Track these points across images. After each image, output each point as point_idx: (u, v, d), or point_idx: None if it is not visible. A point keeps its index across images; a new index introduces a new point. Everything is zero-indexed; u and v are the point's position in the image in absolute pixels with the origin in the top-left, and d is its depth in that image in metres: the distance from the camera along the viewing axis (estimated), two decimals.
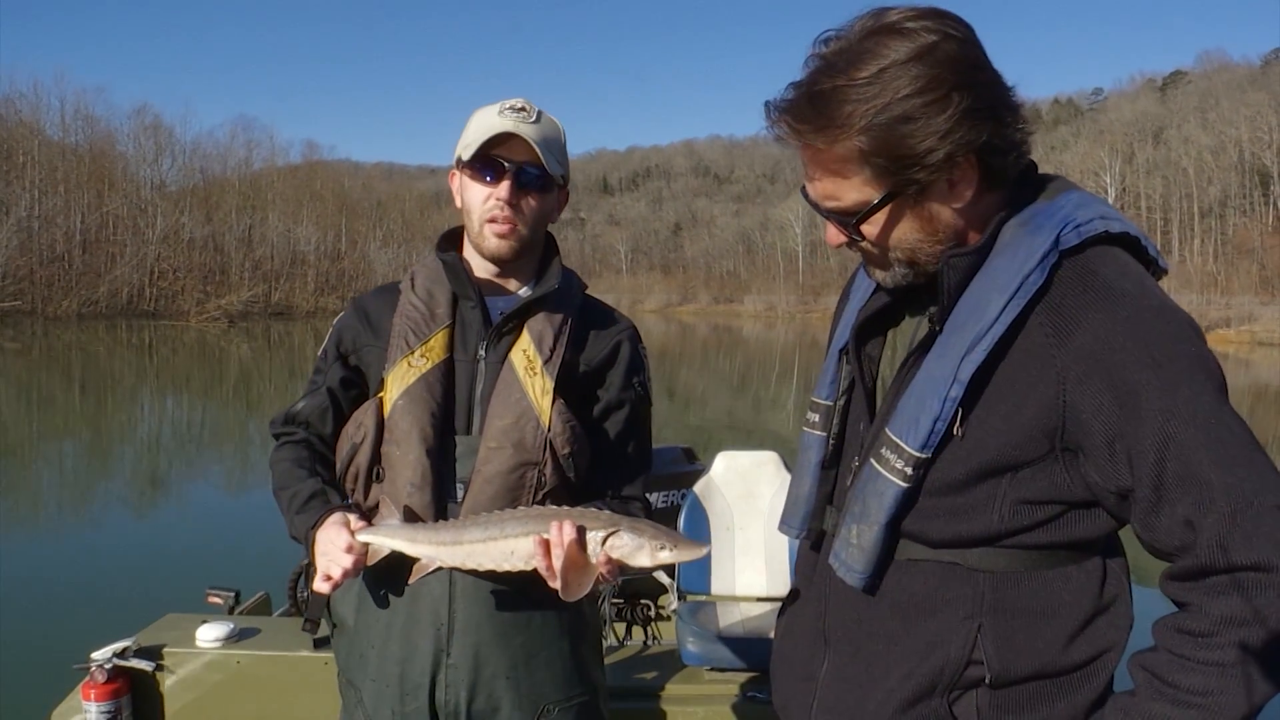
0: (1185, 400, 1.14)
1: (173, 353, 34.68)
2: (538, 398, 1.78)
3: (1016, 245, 1.23)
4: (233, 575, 3.79)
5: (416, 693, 1.80)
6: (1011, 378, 1.21)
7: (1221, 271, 70.81)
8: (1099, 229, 1.23)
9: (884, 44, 1.17)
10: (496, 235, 1.81)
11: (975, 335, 1.21)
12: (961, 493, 1.25)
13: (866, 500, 1.31)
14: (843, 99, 1.17)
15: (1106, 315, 1.17)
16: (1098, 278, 1.20)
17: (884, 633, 1.35)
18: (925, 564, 1.30)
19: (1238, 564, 1.12)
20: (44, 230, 56.43)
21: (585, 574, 1.57)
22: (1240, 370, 37.82)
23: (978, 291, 1.24)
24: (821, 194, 1.27)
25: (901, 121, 1.16)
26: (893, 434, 1.27)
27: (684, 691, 2.81)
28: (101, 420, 17.21)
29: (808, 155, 1.25)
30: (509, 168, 1.77)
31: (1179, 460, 1.14)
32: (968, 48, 1.19)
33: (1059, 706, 1.28)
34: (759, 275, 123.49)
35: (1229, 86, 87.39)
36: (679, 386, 26.71)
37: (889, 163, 1.19)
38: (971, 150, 1.19)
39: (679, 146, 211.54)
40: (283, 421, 1.93)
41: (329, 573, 1.66)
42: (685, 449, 4.13)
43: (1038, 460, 1.22)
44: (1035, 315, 1.20)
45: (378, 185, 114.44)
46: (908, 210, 1.24)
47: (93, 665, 2.69)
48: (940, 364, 1.24)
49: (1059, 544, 1.26)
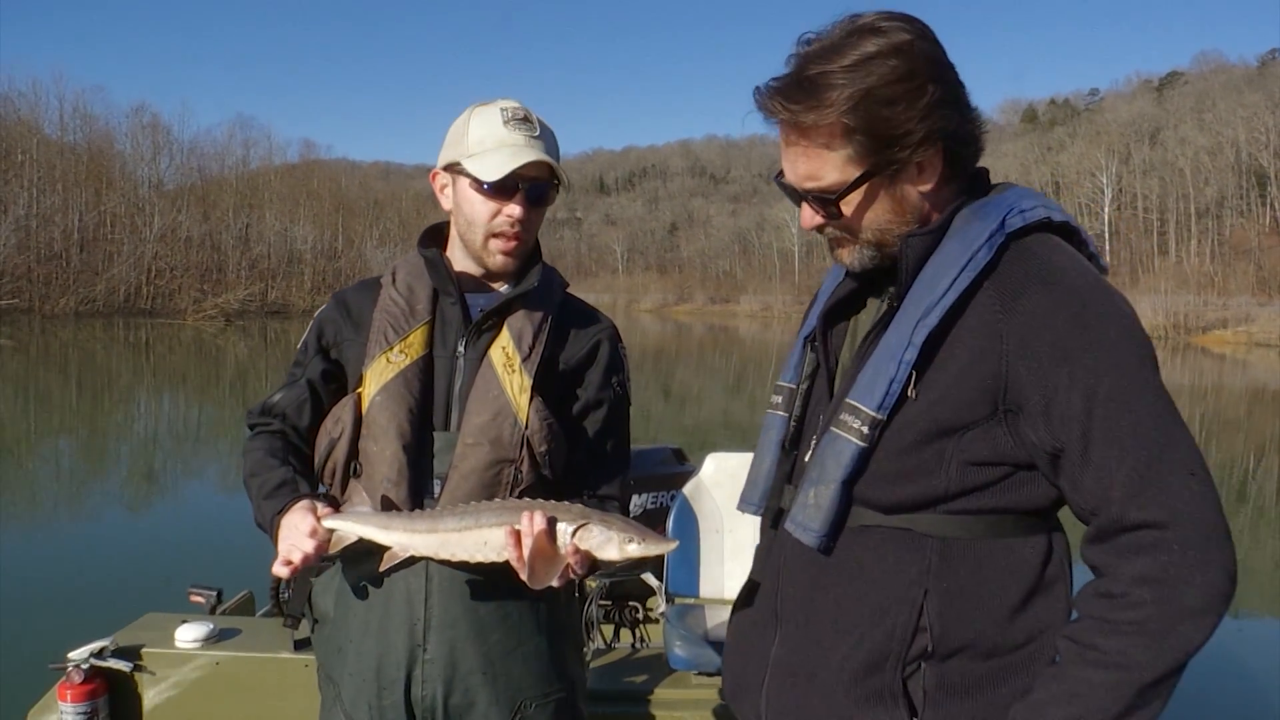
0: (1112, 368, 1.25)
1: (169, 351, 34.63)
2: (516, 395, 1.78)
3: (967, 228, 1.35)
4: (217, 574, 3.74)
5: (393, 687, 1.79)
6: (961, 344, 1.31)
7: (1218, 272, 70.89)
8: (1041, 215, 1.36)
9: (864, 39, 1.30)
10: (503, 252, 1.82)
11: (928, 305, 1.32)
12: (913, 454, 1.33)
13: (825, 462, 1.38)
14: (829, 82, 1.29)
15: (1046, 290, 1.28)
16: (1038, 257, 1.32)
17: (834, 600, 1.40)
18: (877, 530, 1.37)
19: (1136, 522, 1.22)
20: (42, 228, 56.30)
21: (553, 564, 1.59)
22: (1237, 371, 37.87)
23: (932, 269, 1.35)
24: (803, 174, 1.37)
25: (884, 104, 1.28)
26: (852, 399, 1.36)
27: (671, 695, 2.80)
28: (97, 418, 17.19)
29: (793, 135, 1.35)
30: (522, 186, 1.77)
31: (1103, 422, 1.24)
32: (936, 48, 1.34)
33: (1002, 691, 1.33)
34: (755, 275, 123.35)
35: (1226, 87, 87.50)
36: (675, 386, 26.74)
37: (871, 141, 1.30)
38: (941, 137, 1.33)
39: (675, 146, 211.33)
40: (259, 412, 1.92)
41: (289, 556, 1.65)
42: (675, 450, 4.11)
43: (983, 421, 1.31)
44: (983, 290, 1.31)
45: (374, 184, 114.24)
46: (881, 190, 1.36)
47: (69, 665, 2.65)
48: (896, 333, 1.34)
49: (1004, 509, 1.34)
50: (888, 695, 1.35)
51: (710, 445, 3.65)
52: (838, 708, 1.38)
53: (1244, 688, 5.68)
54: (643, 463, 3.78)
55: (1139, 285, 70.70)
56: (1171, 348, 50.22)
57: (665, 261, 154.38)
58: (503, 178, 1.74)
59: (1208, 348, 50.88)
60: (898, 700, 1.34)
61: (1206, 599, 1.21)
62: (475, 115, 1.81)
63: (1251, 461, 15.85)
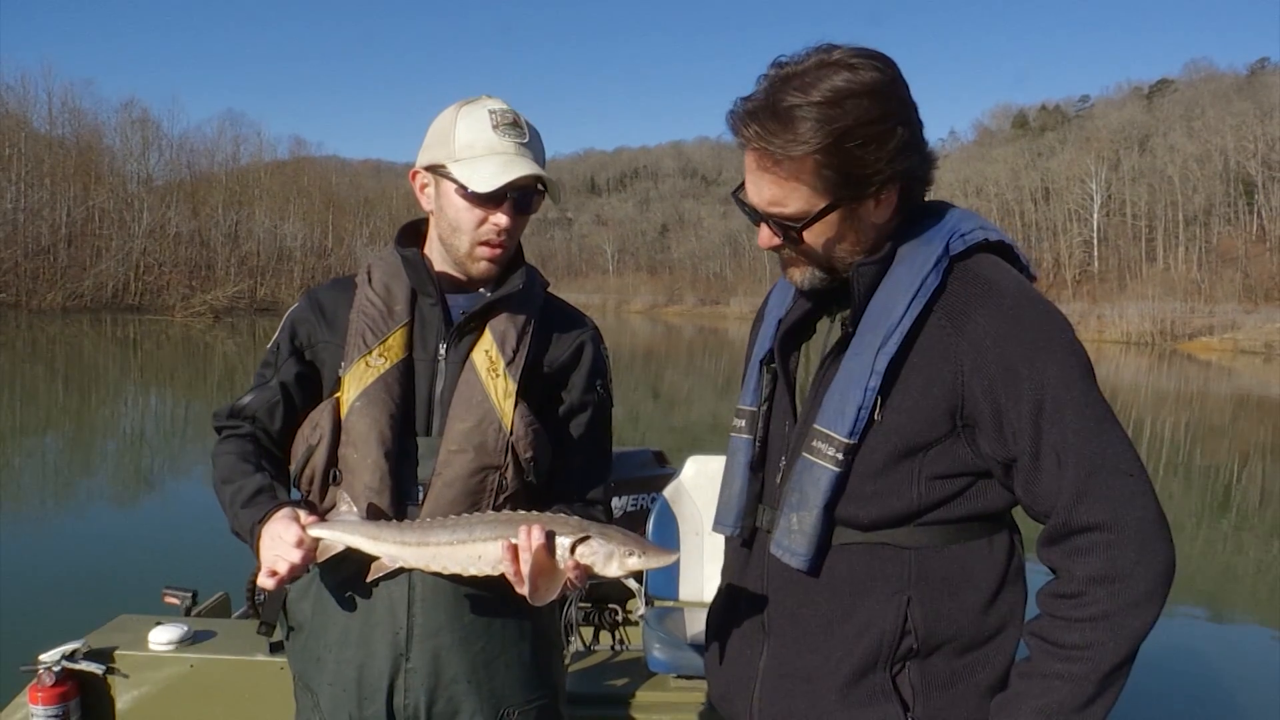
0: (1055, 379, 1.34)
1: (157, 347, 34.46)
2: (500, 400, 1.74)
3: (914, 255, 1.43)
4: (192, 575, 3.69)
5: (375, 697, 1.76)
6: (918, 366, 1.39)
7: (1205, 280, 71.14)
8: (980, 237, 1.45)
9: (839, 75, 1.34)
10: (489, 259, 1.78)
11: (886, 331, 1.39)
12: (885, 474, 1.41)
13: (804, 489, 1.44)
14: (806, 116, 1.33)
15: (992, 309, 1.37)
16: (982, 279, 1.41)
17: (823, 615, 1.47)
18: (858, 547, 1.45)
19: (1083, 524, 1.33)
20: (29, 223, 55.92)
21: (554, 580, 1.55)
22: (1223, 379, 38.06)
23: (884, 295, 1.42)
24: (768, 199, 1.42)
25: (858, 145, 1.34)
26: (821, 426, 1.43)
27: (650, 699, 2.80)
28: (84, 414, 17.11)
29: (763, 163, 1.39)
30: (511, 196, 1.73)
31: (1049, 434, 1.34)
32: (905, 89, 1.40)
33: (979, 677, 1.44)
34: (745, 277, 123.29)
35: (1215, 95, 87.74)
36: (664, 388, 26.73)
37: (839, 177, 1.36)
38: (903, 177, 1.40)
39: (667, 148, 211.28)
40: (227, 415, 1.85)
41: (275, 568, 1.60)
42: (656, 452, 4.10)
43: (944, 437, 1.40)
44: (935, 313, 1.40)
45: (365, 183, 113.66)
46: (840, 221, 1.41)
47: (40, 667, 2.60)
48: (858, 360, 1.41)
49: (970, 516, 1.44)
50: (880, 694, 1.43)
51: (699, 447, 3.65)
52: (832, 710, 1.45)
53: (1228, 691, 5.73)
54: (623, 465, 3.76)
55: (1126, 291, 71.09)
56: (1158, 354, 50.50)
57: (656, 263, 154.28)
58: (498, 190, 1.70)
59: (1194, 354, 51.12)
60: (890, 698, 1.42)
61: (1150, 587, 1.33)
62: (462, 116, 1.75)
63: (1236, 467, 15.94)
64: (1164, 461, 16.18)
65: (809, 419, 1.47)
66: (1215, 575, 9.27)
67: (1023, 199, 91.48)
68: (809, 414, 1.48)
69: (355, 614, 1.78)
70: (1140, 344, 56.68)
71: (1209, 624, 7.50)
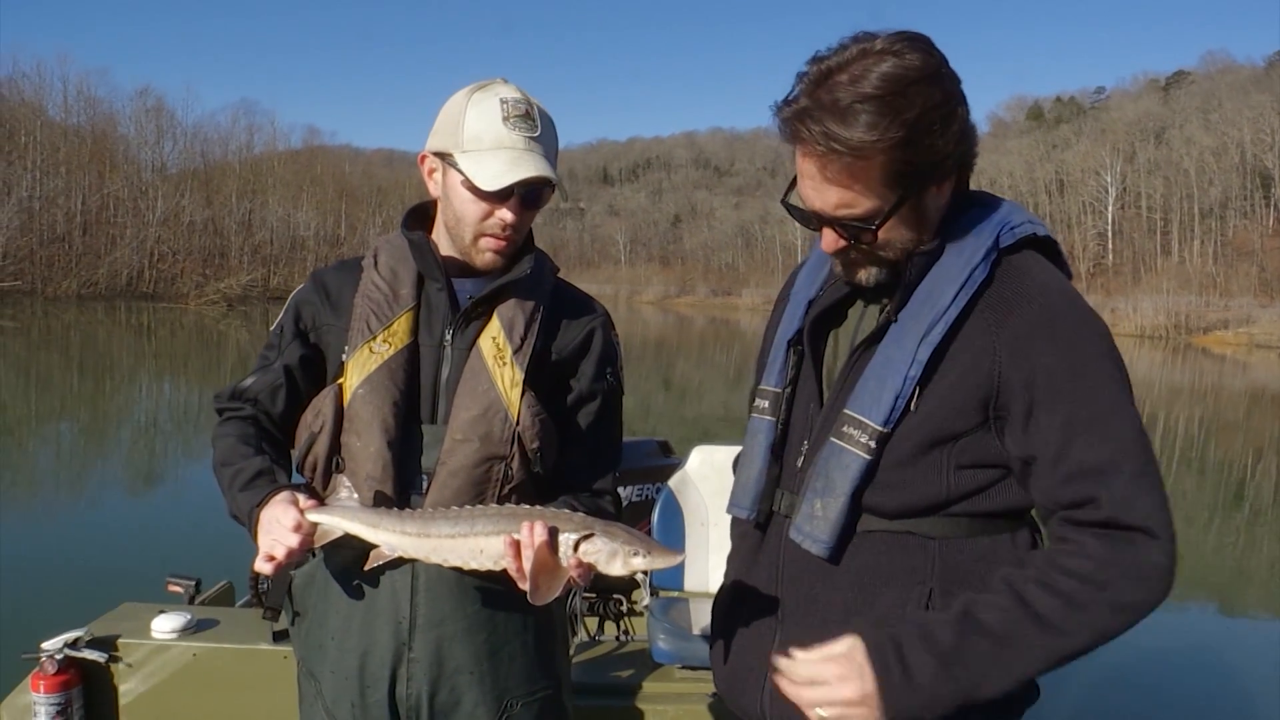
0: (1090, 383, 1.33)
1: (171, 335, 34.64)
2: (506, 389, 1.71)
3: (963, 245, 1.41)
4: (196, 562, 3.66)
5: (377, 685, 1.75)
6: (957, 357, 1.37)
7: (1221, 273, 70.66)
8: (1029, 231, 1.43)
9: (888, 63, 1.29)
10: (494, 250, 1.74)
11: (930, 320, 1.37)
12: (915, 463, 1.38)
13: (830, 474, 1.41)
14: (868, 110, 1.28)
15: (1038, 307, 1.36)
16: (1030, 276, 1.39)
17: (842, 603, 1.44)
18: (881, 535, 1.42)
19: (1134, 524, 1.30)
20: (45, 211, 56.16)
21: (556, 577, 1.51)
22: (1238, 372, 37.81)
23: (930, 284, 1.40)
24: (835, 203, 1.36)
25: (926, 133, 1.30)
26: (854, 412, 1.40)
27: (655, 690, 2.78)
28: (99, 401, 17.22)
29: (827, 165, 1.33)
30: (518, 191, 1.69)
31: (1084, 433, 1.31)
32: (952, 69, 1.36)
33: None
34: (757, 269, 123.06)
35: (1232, 88, 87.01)
36: (675, 379, 26.73)
37: (910, 169, 1.32)
38: (965, 158, 1.39)
39: (680, 138, 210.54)
40: (229, 396, 1.82)
41: (272, 552, 1.57)
42: (661, 442, 4.07)
43: (976, 429, 1.38)
44: (979, 305, 1.38)
45: (378, 172, 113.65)
46: (909, 213, 1.38)
47: (43, 655, 2.59)
48: (898, 348, 1.38)
49: (996, 511, 1.42)
50: None
51: (710, 438, 3.63)
52: None
53: (1242, 687, 5.70)
54: (628, 455, 3.67)
55: (1141, 284, 70.62)
56: (1172, 348, 50.16)
57: (668, 253, 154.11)
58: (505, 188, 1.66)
59: (1209, 348, 50.75)
60: None
61: (1138, 601, 1.30)
62: (473, 104, 1.70)
63: (1250, 463, 15.84)
64: (1178, 456, 16.09)
65: (838, 404, 1.44)
66: (1229, 571, 9.23)
67: (1037, 191, 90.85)
68: (838, 399, 1.45)
69: (359, 602, 1.77)
70: (1154, 338, 56.30)
71: (1222, 619, 7.48)
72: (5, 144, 57.45)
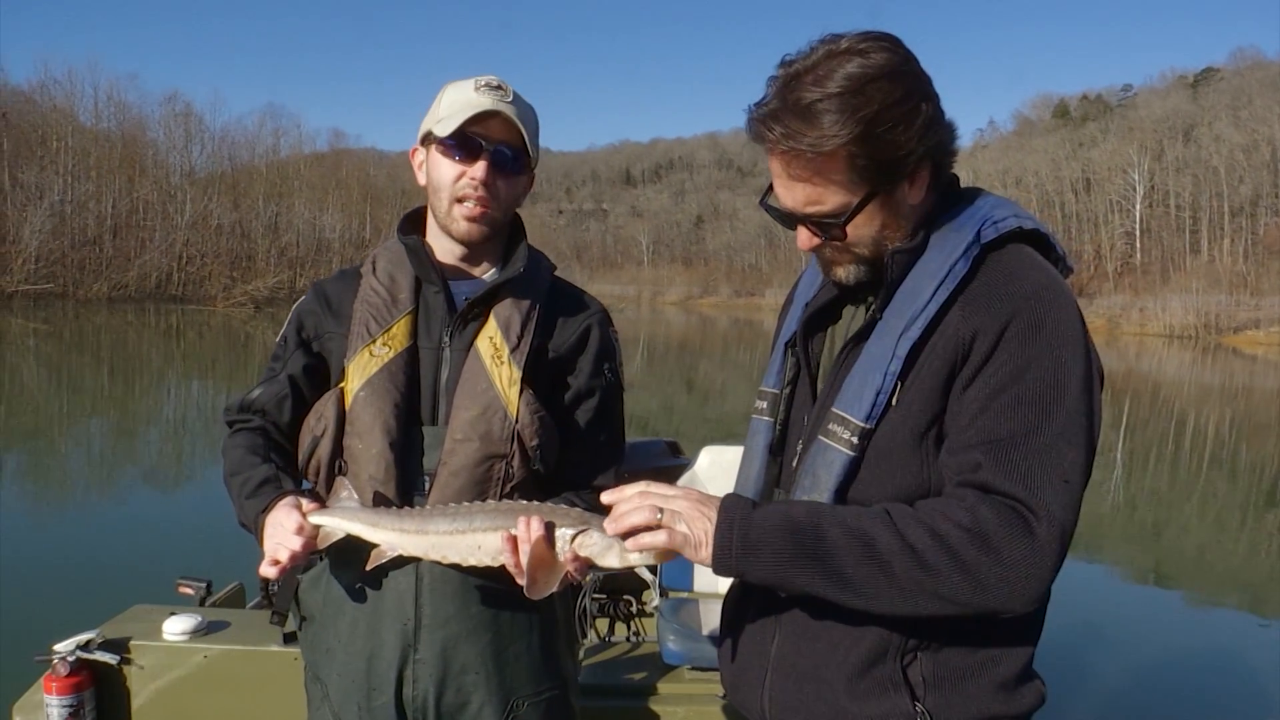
0: (1035, 373, 1.32)
1: (199, 336, 35.04)
2: (505, 388, 1.73)
3: (944, 241, 1.42)
4: (207, 565, 3.67)
5: (383, 688, 1.76)
6: (934, 351, 1.38)
7: (1251, 272, 69.74)
8: (1013, 225, 1.42)
9: (853, 63, 1.33)
10: (467, 217, 1.75)
11: (910, 317, 1.38)
12: (897, 457, 1.39)
13: (817, 472, 1.43)
14: (829, 109, 1.32)
15: (1011, 304, 1.35)
16: (1009, 272, 1.39)
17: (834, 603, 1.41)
18: None
19: (1012, 493, 1.28)
20: (76, 215, 57.02)
21: (553, 572, 1.51)
22: (1269, 373, 37.34)
23: (912, 282, 1.41)
24: (803, 200, 1.40)
25: (887, 129, 1.32)
26: (839, 409, 1.42)
27: (665, 690, 2.76)
28: (129, 402, 17.39)
29: (792, 164, 1.37)
30: (486, 146, 1.71)
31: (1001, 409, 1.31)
32: (917, 64, 1.39)
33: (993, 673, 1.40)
34: (780, 269, 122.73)
35: (1262, 84, 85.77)
36: (698, 379, 26.73)
37: (873, 165, 1.35)
38: (934, 151, 1.39)
39: (703, 139, 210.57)
40: (238, 409, 1.86)
41: (276, 556, 1.60)
42: (670, 443, 4.05)
43: (943, 412, 1.37)
44: (959, 300, 1.38)
45: (402, 174, 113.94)
46: (880, 209, 1.40)
47: (55, 657, 2.58)
48: (880, 344, 1.40)
49: None
50: (890, 685, 1.40)
51: (733, 438, 3.64)
52: (842, 700, 1.42)
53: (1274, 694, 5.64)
54: (637, 457, 3.71)
55: (1170, 284, 69.92)
56: (1202, 348, 49.64)
57: (691, 254, 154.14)
58: (459, 131, 1.69)
59: (1239, 348, 50.18)
60: (900, 688, 1.39)
61: (1007, 596, 1.28)
62: (450, 88, 1.77)
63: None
64: (1208, 458, 15.92)
65: (827, 402, 1.46)
66: (1263, 574, 9.12)
67: (1063, 190, 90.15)
68: (827, 397, 1.47)
69: (364, 605, 1.78)
70: (1184, 337, 55.74)
71: (1256, 622, 7.39)
72: (37, 149, 58.35)
